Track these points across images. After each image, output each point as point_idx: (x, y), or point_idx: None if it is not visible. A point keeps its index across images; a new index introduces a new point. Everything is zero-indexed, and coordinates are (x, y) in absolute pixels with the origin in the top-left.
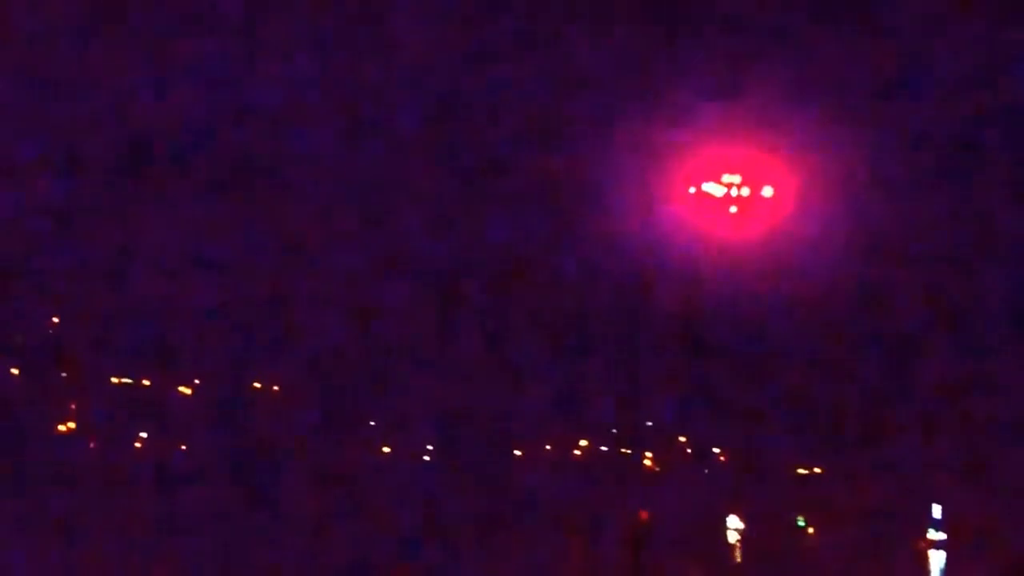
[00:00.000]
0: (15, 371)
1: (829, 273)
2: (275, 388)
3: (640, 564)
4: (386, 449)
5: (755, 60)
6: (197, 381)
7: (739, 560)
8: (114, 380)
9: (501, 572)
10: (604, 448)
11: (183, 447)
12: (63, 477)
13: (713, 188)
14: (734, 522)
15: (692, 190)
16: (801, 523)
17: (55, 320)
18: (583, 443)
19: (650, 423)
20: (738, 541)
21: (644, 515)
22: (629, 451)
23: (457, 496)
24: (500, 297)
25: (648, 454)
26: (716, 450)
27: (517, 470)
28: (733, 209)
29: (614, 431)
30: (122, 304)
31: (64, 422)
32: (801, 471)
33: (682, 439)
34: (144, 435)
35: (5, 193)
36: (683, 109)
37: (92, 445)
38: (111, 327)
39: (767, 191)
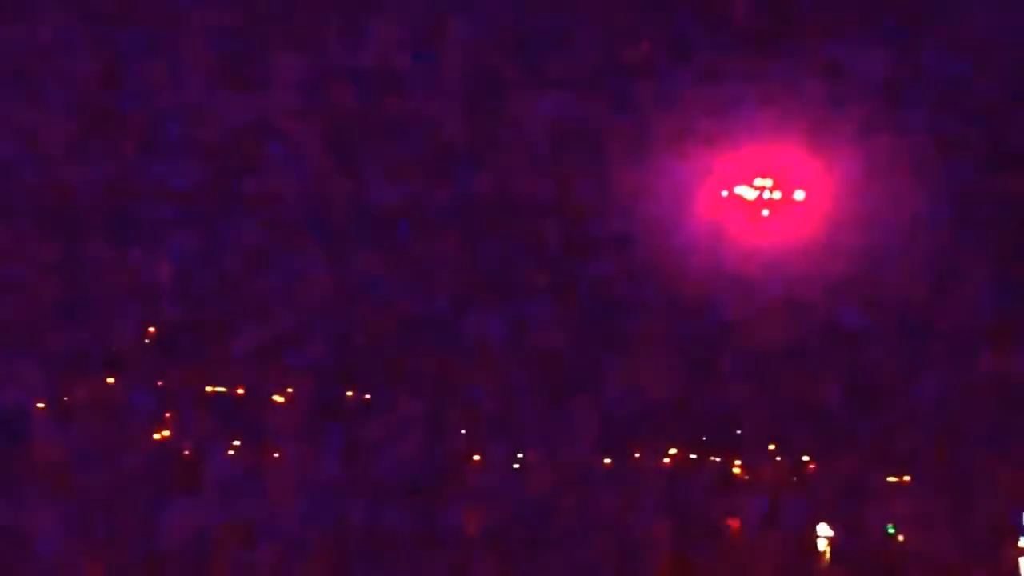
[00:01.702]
0: (111, 380)
1: (863, 277)
2: (367, 396)
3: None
4: (476, 457)
5: (788, 62)
6: (291, 390)
7: (829, 567)
8: (208, 389)
9: None
10: (693, 456)
11: (276, 455)
12: (158, 484)
13: (745, 191)
14: (824, 530)
15: (724, 193)
16: (891, 530)
17: (151, 330)
18: (672, 451)
19: (739, 431)
20: (828, 548)
21: (734, 523)
22: (718, 459)
23: (546, 504)
24: (546, 302)
25: (737, 462)
26: (805, 458)
27: (606, 477)
28: (765, 213)
29: (704, 439)
30: (218, 313)
31: (159, 430)
32: (891, 479)
33: (771, 447)
34: (238, 443)
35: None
36: (715, 112)
37: (187, 453)
38: (206, 336)
39: (799, 195)
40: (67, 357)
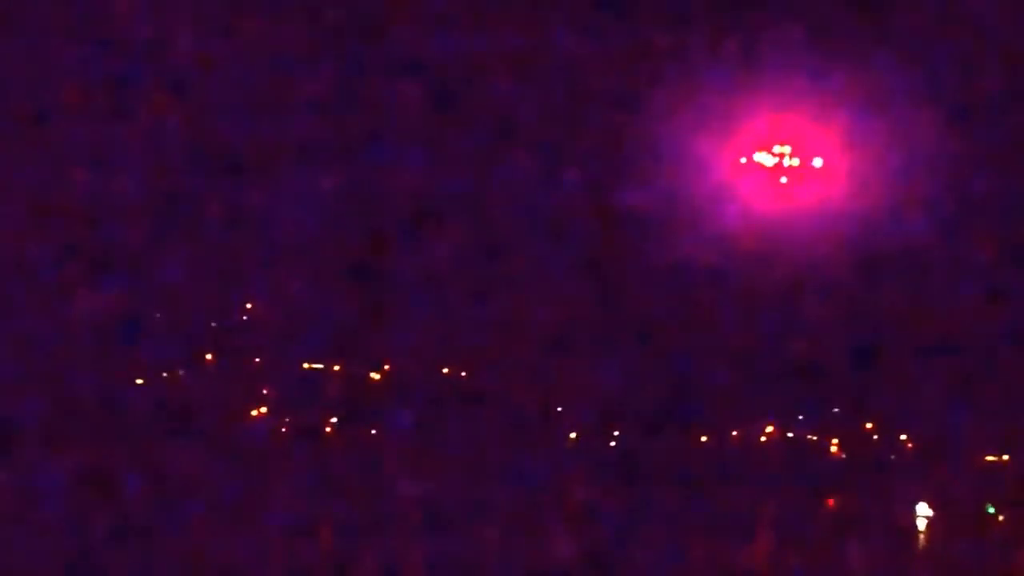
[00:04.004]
0: (208, 356)
1: (881, 244)
2: (463, 374)
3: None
4: (572, 435)
5: (808, 29)
6: (387, 367)
7: (928, 547)
8: (305, 365)
9: (690, 559)
10: (790, 435)
11: (373, 431)
12: (254, 461)
13: (764, 158)
14: (923, 509)
15: (743, 160)
16: (991, 510)
17: (248, 306)
18: (769, 429)
19: (836, 409)
20: (927, 528)
21: (831, 503)
22: (815, 437)
23: (649, 481)
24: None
25: (834, 440)
26: (903, 437)
27: (704, 456)
28: (784, 180)
29: (800, 417)
30: (313, 289)
31: (256, 407)
32: (989, 458)
33: (868, 426)
34: (334, 420)
35: (201, 180)
36: (734, 78)
37: (284, 430)
38: (303, 312)
39: (818, 161)
40: (166, 335)
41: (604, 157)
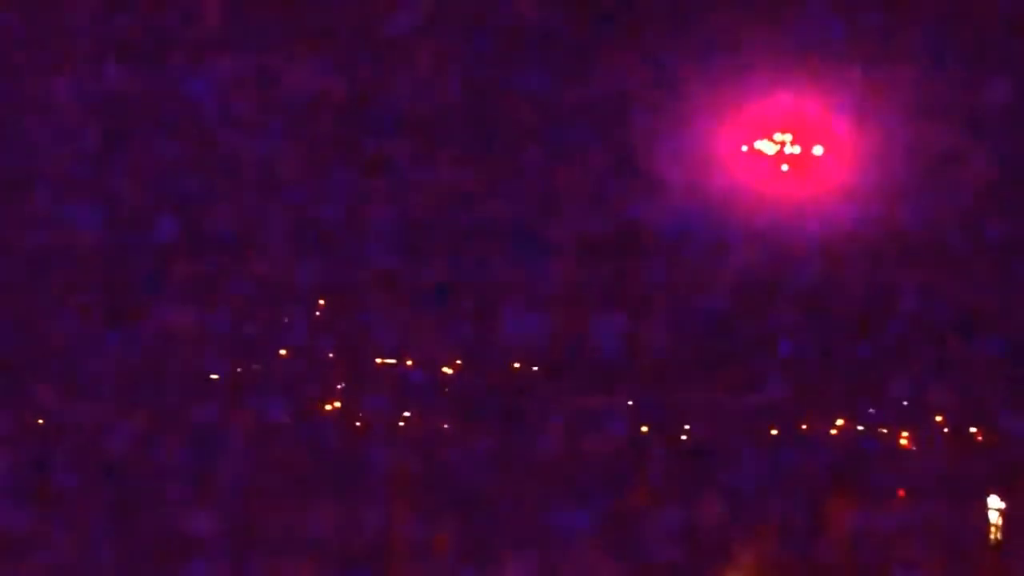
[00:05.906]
0: (283, 352)
1: (881, 231)
2: (534, 368)
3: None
4: (644, 429)
5: (807, 17)
6: (459, 361)
7: (1000, 539)
8: (379, 360)
9: (760, 549)
10: (860, 427)
11: (446, 426)
12: (329, 456)
13: (765, 146)
14: (995, 502)
15: (744, 148)
16: None
17: (321, 302)
18: (839, 422)
19: (906, 402)
20: (999, 520)
21: (901, 494)
22: (885, 430)
23: (720, 472)
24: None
25: (904, 433)
26: (973, 429)
27: (773, 449)
28: (785, 167)
29: (871, 410)
30: (387, 287)
31: (330, 402)
32: None
33: (939, 418)
34: (408, 414)
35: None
36: (734, 66)
37: (357, 424)
38: (374, 308)
39: (818, 149)
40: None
41: (604, 150)
